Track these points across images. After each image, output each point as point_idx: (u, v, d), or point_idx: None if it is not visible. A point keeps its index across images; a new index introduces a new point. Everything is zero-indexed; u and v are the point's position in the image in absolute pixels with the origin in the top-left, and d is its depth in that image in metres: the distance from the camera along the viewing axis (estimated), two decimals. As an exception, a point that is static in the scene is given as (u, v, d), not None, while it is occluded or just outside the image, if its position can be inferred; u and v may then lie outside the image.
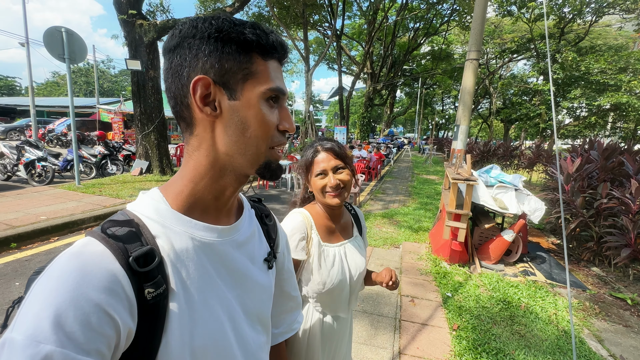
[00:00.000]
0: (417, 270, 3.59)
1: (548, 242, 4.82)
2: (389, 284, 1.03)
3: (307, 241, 0.99)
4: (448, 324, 2.61)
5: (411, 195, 8.19)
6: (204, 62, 0.44)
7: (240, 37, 0.44)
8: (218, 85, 0.44)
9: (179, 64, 0.44)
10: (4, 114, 28.26)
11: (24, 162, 6.79)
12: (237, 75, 0.45)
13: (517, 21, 18.43)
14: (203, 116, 0.45)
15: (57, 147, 15.08)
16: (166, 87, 0.47)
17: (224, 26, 0.44)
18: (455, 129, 4.79)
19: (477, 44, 4.51)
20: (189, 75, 0.44)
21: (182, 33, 0.44)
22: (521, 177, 3.97)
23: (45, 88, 53.14)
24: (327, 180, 0.99)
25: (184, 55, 0.44)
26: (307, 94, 17.24)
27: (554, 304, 2.97)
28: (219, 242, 0.50)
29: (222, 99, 0.45)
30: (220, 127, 0.46)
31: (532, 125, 20.59)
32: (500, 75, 26.82)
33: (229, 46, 0.44)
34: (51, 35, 6.01)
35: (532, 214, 3.69)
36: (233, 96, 0.45)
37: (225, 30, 0.44)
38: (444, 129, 48.76)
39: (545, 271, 3.73)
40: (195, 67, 0.44)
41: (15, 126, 20.09)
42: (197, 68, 0.44)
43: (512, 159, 11.13)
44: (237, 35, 0.44)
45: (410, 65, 29.92)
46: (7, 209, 4.69)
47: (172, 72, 0.45)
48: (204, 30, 0.44)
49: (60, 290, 0.35)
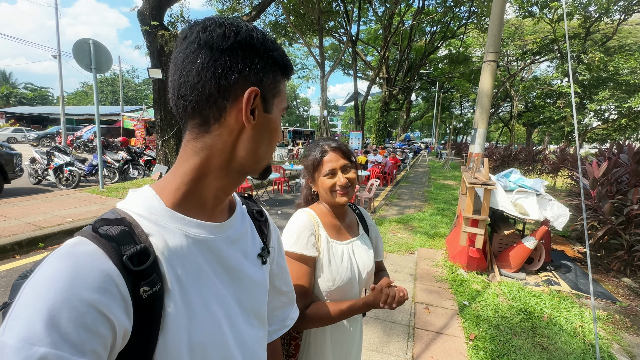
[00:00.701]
0: (433, 277, 3.49)
1: (574, 250, 4.58)
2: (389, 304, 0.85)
3: (316, 238, 0.98)
4: (464, 334, 2.51)
5: (427, 200, 8.02)
6: (255, 75, 0.47)
7: (281, 60, 0.50)
8: (261, 98, 0.48)
9: (227, 67, 0.45)
10: (37, 121, 30.14)
11: (53, 166, 7.17)
12: (272, 91, 0.49)
13: (539, 22, 17.87)
14: (238, 121, 0.47)
15: (84, 152, 15.87)
16: (194, 82, 0.45)
17: (273, 46, 0.49)
18: (473, 132, 4.66)
19: (494, 46, 4.40)
20: (237, 82, 0.45)
21: (238, 39, 0.45)
22: (543, 181, 3.80)
23: (75, 97, 56.23)
24: (336, 179, 0.99)
25: (235, 61, 0.45)
26: (322, 99, 17.34)
27: (579, 315, 2.80)
28: (213, 239, 0.51)
29: (260, 110, 0.48)
30: (249, 134, 0.49)
31: (557, 129, 19.80)
32: (522, 77, 26.02)
33: (272, 65, 0.48)
34: (80, 47, 6.36)
35: (555, 221, 3.52)
36: (268, 110, 0.49)
37: (274, 50, 0.49)
38: (462, 133, 47.65)
39: (571, 281, 3.54)
40: (246, 77, 0.46)
41: (47, 133, 21.37)
42: (249, 78, 0.46)
43: (534, 163, 10.71)
44: (279, 58, 0.49)
45: (427, 69, 29.54)
46: (36, 211, 4.95)
47: (214, 71, 0.44)
48: (259, 44, 0.47)
49: (53, 291, 0.34)
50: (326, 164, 1.00)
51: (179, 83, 0.46)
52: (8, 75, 52.67)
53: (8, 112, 30.15)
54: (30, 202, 5.50)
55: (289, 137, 25.59)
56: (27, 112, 32.48)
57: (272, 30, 18.91)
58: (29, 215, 4.73)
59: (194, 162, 0.48)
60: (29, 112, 32.02)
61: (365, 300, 0.91)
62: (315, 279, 0.98)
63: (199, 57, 0.45)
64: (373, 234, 1.17)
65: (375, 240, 1.17)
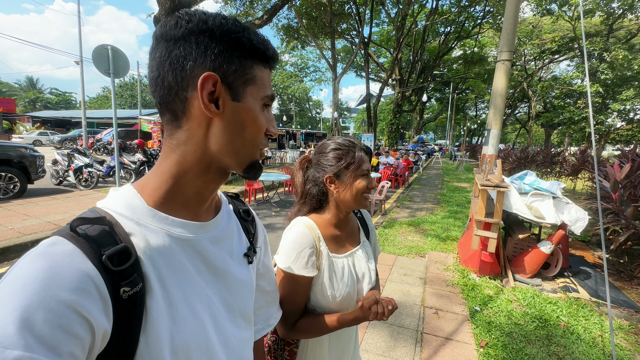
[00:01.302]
0: (443, 281, 3.41)
1: (594, 256, 4.38)
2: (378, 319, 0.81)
3: (317, 255, 0.90)
4: (475, 340, 2.43)
5: (440, 203, 7.86)
6: (212, 60, 0.44)
7: (249, 43, 0.46)
8: (223, 84, 0.45)
9: (181, 56, 0.43)
10: (61, 125, 31.46)
11: (73, 168, 7.45)
12: (241, 78, 0.46)
13: (558, 20, 17.32)
14: (202, 112, 0.45)
15: (104, 154, 16.42)
16: (155, 76, 0.45)
17: (235, 29, 0.45)
18: (486, 133, 4.55)
19: (509, 45, 4.29)
20: (193, 70, 0.43)
21: (190, 25, 0.43)
22: (560, 183, 3.65)
23: (96, 101, 58.40)
24: (368, 180, 0.93)
25: (189, 49, 0.43)
26: (334, 101, 17.35)
27: (599, 324, 2.67)
28: (196, 239, 0.50)
29: (225, 98, 0.45)
30: (218, 125, 0.46)
31: (577, 130, 19.08)
32: (540, 77, 25.24)
33: (237, 49, 0.45)
34: (99, 53, 6.60)
35: (573, 225, 3.37)
36: (236, 98, 0.46)
37: (236, 33, 0.45)
38: (477, 134, 46.64)
39: (590, 288, 3.38)
40: (202, 64, 0.43)
41: (69, 136, 22.29)
42: (204, 65, 0.43)
43: (553, 165, 10.34)
44: (247, 41, 0.45)
45: (441, 70, 29.08)
46: (56, 210, 5.15)
47: (170, 62, 0.43)
48: (216, 28, 0.43)
49: (27, 292, 0.33)
50: (365, 164, 0.93)
51: (149, 81, 0.47)
52: (35, 81, 55.36)
53: (34, 116, 31.61)
54: (51, 202, 5.73)
55: (301, 140, 25.66)
56: (52, 116, 33.96)
57: (284, 33, 19.10)
58: (50, 214, 4.92)
59: (171, 159, 0.48)
60: (53, 116, 33.47)
61: (355, 316, 0.87)
62: (314, 294, 0.93)
63: (157, 51, 0.45)
64: (373, 239, 1.12)
65: (373, 244, 1.12)
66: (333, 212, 0.96)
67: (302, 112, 54.70)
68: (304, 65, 44.18)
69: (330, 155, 0.93)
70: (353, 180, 0.91)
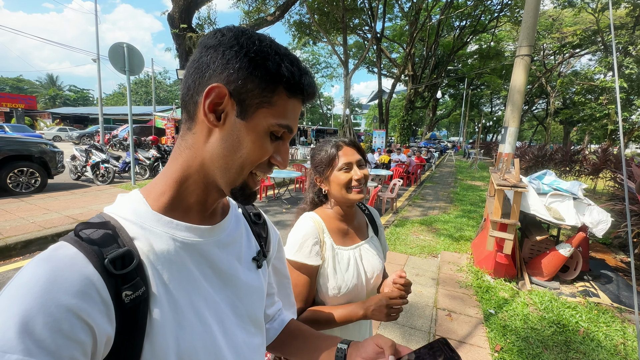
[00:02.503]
0: (456, 282, 3.35)
1: (616, 259, 4.21)
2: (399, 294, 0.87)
3: (320, 246, 0.96)
4: (490, 344, 2.37)
5: (453, 202, 7.72)
6: (229, 74, 0.44)
7: (274, 68, 0.44)
8: (233, 99, 0.44)
9: (206, 63, 0.45)
10: (79, 121, 32.43)
11: (90, 163, 7.65)
12: (255, 99, 0.45)
13: (580, 12, 16.62)
14: (205, 120, 0.45)
15: (119, 150, 16.85)
16: (185, 74, 0.48)
17: (266, 51, 0.44)
18: (503, 131, 4.41)
19: (528, 39, 4.13)
20: (210, 78, 0.44)
21: (223, 38, 0.45)
22: (581, 184, 3.51)
23: (113, 98, 59.86)
24: (352, 173, 0.95)
25: (214, 58, 0.44)
26: (346, 97, 17.22)
27: (621, 331, 2.56)
28: (202, 243, 0.49)
29: (230, 113, 0.45)
30: (216, 137, 0.46)
31: (599, 127, 18.38)
32: (560, 72, 24.35)
33: (259, 70, 0.44)
34: (115, 51, 6.73)
35: (595, 227, 3.24)
36: (242, 116, 0.45)
37: (263, 54, 0.44)
38: (492, 131, 45.51)
39: (612, 293, 3.25)
40: (219, 74, 0.44)
41: (87, 132, 22.96)
42: (220, 76, 0.44)
43: (572, 164, 9.98)
44: (272, 65, 0.44)
45: (455, 65, 28.41)
46: (74, 205, 5.31)
47: (196, 66, 0.46)
48: (244, 46, 0.44)
49: (28, 296, 0.33)
50: (342, 157, 0.96)
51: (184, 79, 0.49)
52: (55, 79, 57.09)
53: (54, 113, 32.70)
54: (70, 197, 5.91)
55: (312, 136, 25.66)
56: (70, 112, 35.02)
57: (296, 29, 19.02)
58: (69, 208, 5.08)
59: (179, 162, 0.48)
60: (72, 113, 34.50)
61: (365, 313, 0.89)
62: (320, 286, 0.96)
63: (195, 55, 0.47)
64: (382, 235, 1.14)
65: (383, 241, 1.14)
66: (335, 207, 1.03)
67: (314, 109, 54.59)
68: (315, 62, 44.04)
69: (314, 158, 1.02)
70: (334, 175, 0.97)
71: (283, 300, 0.74)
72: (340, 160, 0.96)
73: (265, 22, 9.20)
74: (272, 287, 0.70)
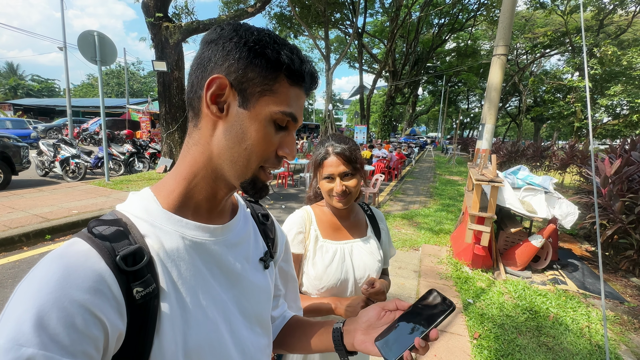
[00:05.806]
0: (437, 274, 3.47)
1: (581, 249, 4.51)
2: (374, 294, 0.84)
3: (305, 236, 1.01)
4: (469, 332, 2.48)
5: (432, 196, 7.95)
6: (229, 65, 0.44)
7: (274, 56, 0.45)
8: (234, 89, 0.45)
9: (207, 57, 0.45)
10: (44, 113, 30.40)
11: (59, 159, 7.23)
12: (257, 87, 0.45)
13: (551, 14, 17.41)
14: (208, 112, 0.46)
15: (90, 145, 15.98)
16: (189, 73, 0.48)
17: (263, 40, 0.45)
18: (481, 127, 4.57)
19: (505, 39, 4.28)
20: (212, 71, 0.45)
21: (222, 32, 0.45)
22: (552, 179, 3.72)
23: (81, 89, 56.55)
24: (333, 185, 0.97)
25: (215, 51, 0.45)
26: (328, 92, 17.20)
27: (586, 315, 2.76)
28: (211, 242, 0.49)
29: (232, 103, 0.45)
30: (221, 129, 0.46)
31: (566, 125, 19.44)
32: (532, 71, 25.49)
33: (259, 59, 0.44)
34: (84, 39, 6.35)
35: (564, 219, 3.45)
36: (244, 105, 0.45)
37: (263, 43, 0.44)
38: (469, 127, 47.10)
39: (578, 280, 3.49)
40: (220, 66, 0.44)
41: (54, 125, 21.53)
42: (221, 67, 0.44)
43: (542, 159, 10.54)
44: (272, 53, 0.45)
45: (434, 63, 29.06)
46: (43, 203, 5.01)
47: (199, 62, 0.46)
48: (243, 37, 0.44)
49: (43, 291, 0.34)
50: (326, 167, 0.98)
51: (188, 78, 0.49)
52: (15, 67, 53.08)
53: (16, 104, 30.44)
54: (37, 194, 5.56)
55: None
56: (34, 104, 32.75)
57: (277, 22, 18.71)
58: (36, 207, 4.79)
59: (187, 159, 0.49)
60: (36, 104, 32.29)
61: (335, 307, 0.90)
62: (303, 276, 1.01)
63: (198, 52, 0.48)
64: (385, 239, 1.13)
65: (386, 245, 1.12)
66: (327, 204, 1.07)
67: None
68: (296, 55, 43.51)
69: (313, 156, 1.06)
70: (320, 181, 1.02)
71: (290, 303, 0.74)
72: (324, 170, 0.98)
73: (245, 14, 8.97)
74: (278, 288, 0.70)
